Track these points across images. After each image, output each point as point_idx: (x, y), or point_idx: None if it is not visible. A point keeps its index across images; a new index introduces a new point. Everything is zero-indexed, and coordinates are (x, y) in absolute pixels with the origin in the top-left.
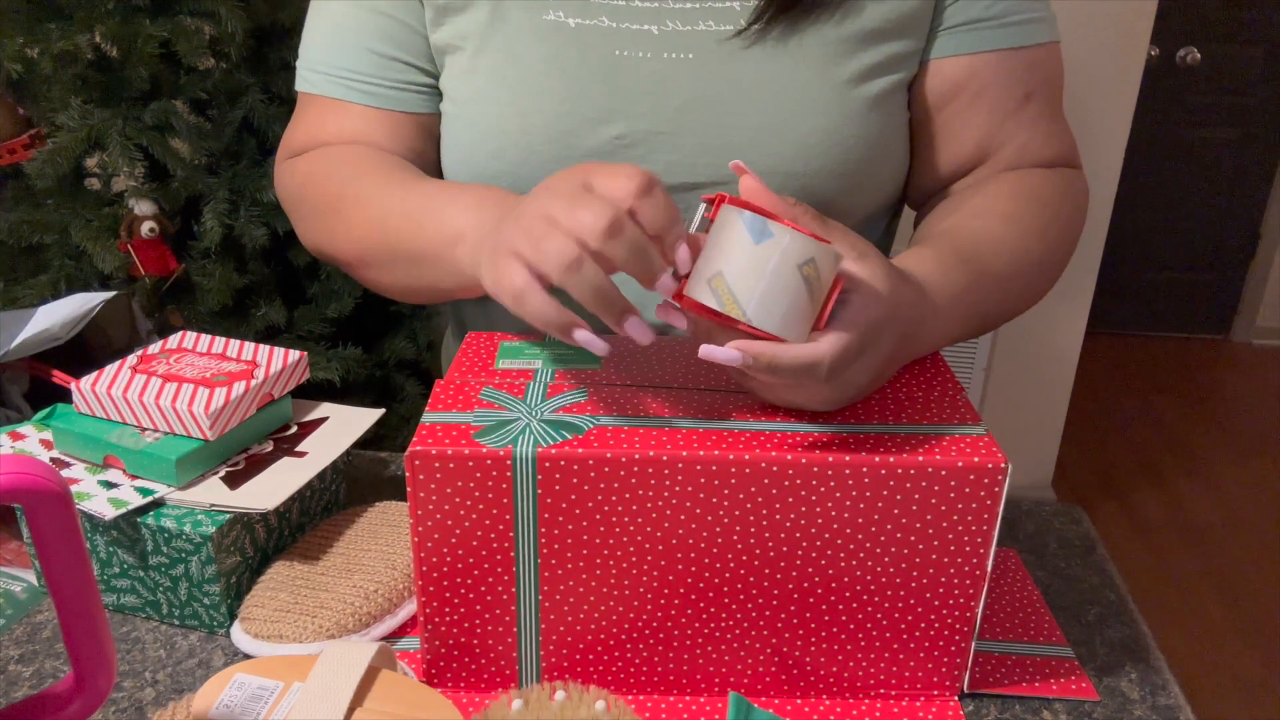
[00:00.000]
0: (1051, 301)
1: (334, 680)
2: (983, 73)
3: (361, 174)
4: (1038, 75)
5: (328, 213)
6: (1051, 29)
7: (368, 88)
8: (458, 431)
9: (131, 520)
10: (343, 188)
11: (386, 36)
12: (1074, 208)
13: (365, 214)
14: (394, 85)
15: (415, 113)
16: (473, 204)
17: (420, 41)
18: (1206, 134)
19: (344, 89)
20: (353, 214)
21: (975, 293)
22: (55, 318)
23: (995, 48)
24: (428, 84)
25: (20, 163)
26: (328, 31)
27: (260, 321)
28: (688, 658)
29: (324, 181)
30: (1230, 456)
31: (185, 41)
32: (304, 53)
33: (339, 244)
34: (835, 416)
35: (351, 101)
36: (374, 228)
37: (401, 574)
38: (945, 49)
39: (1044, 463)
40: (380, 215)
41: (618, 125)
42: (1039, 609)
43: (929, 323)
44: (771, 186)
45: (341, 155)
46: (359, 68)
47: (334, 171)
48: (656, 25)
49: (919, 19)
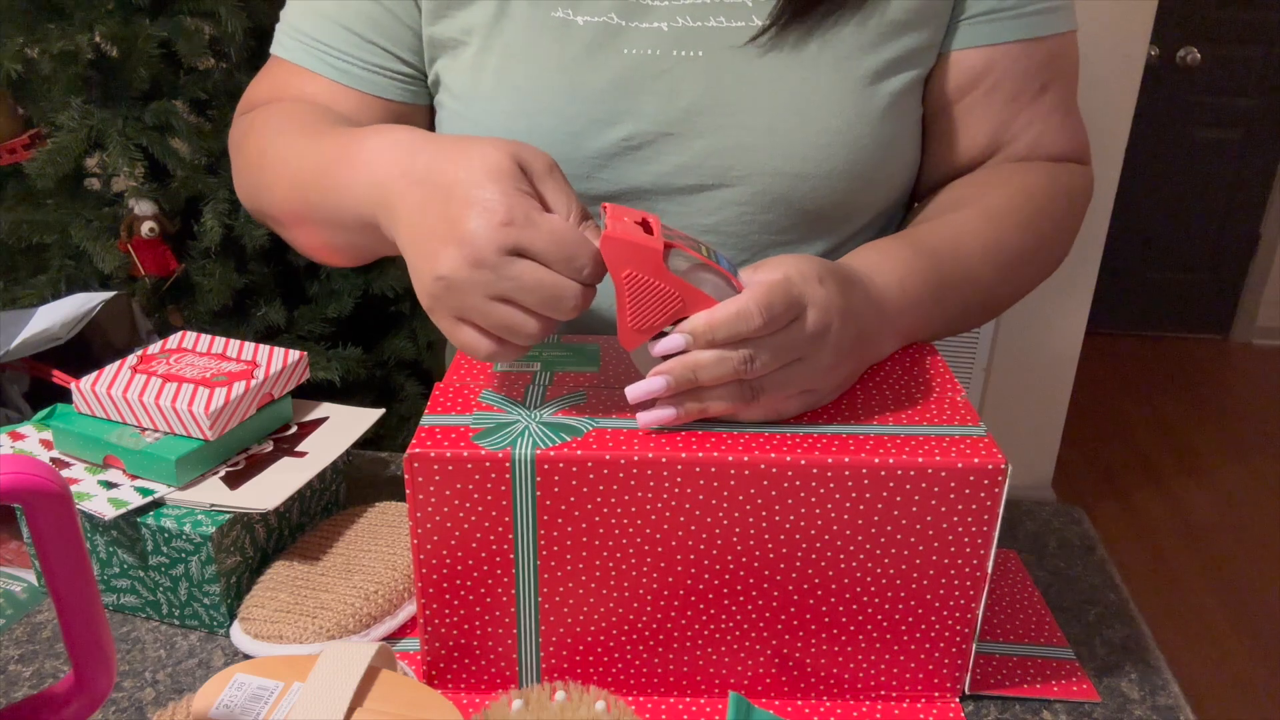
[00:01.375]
0: (1051, 301)
1: (334, 680)
2: (1001, 64)
3: (285, 129)
4: (1055, 66)
5: (254, 169)
6: (1069, 17)
7: (341, 64)
8: (457, 434)
9: (131, 520)
10: (268, 143)
11: (367, 18)
12: (1069, 203)
13: (284, 172)
14: (368, 67)
15: (386, 98)
16: (380, 161)
17: (404, 32)
18: (1206, 134)
19: (317, 60)
20: (274, 171)
21: (940, 284)
22: (55, 318)
23: (1015, 38)
24: (403, 73)
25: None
26: (310, 2)
27: (260, 321)
28: (688, 658)
29: (255, 136)
30: (1230, 456)
31: (185, 41)
32: (284, 16)
33: (264, 202)
34: (835, 417)
35: (320, 74)
36: (292, 187)
37: (401, 575)
38: (964, 40)
39: (1044, 463)
40: (296, 173)
41: (626, 127)
42: (1039, 610)
43: (888, 315)
44: (780, 187)
45: (276, 110)
46: (333, 42)
47: (265, 126)
48: (666, 22)
49: (939, 9)
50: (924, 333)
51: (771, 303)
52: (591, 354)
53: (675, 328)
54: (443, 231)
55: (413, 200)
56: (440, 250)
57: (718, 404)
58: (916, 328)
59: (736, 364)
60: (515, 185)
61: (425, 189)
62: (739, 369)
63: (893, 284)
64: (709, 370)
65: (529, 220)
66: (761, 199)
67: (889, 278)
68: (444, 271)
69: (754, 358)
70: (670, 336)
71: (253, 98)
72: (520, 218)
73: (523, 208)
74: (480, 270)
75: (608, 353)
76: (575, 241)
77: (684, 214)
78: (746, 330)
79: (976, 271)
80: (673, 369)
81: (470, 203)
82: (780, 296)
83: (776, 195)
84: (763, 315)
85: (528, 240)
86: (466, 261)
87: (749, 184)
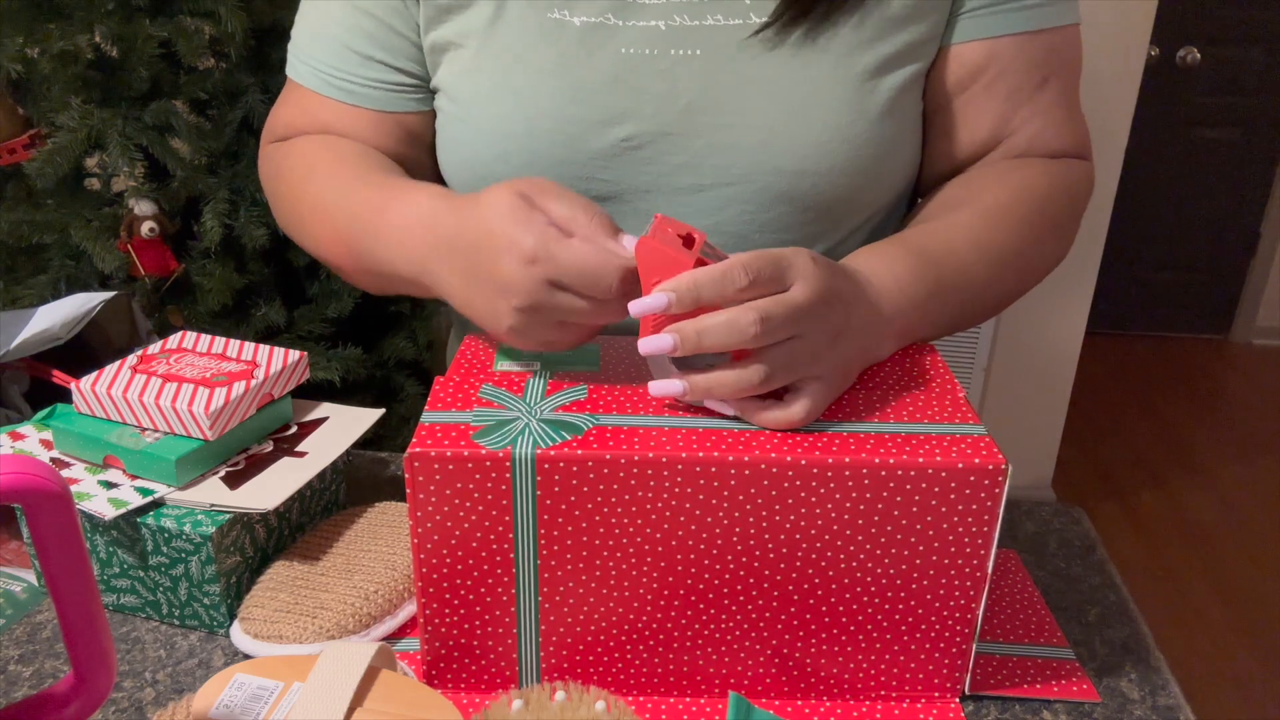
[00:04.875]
0: (1051, 301)
1: (334, 680)
2: (1002, 56)
3: (314, 173)
4: (1056, 59)
5: (292, 213)
6: (1072, 10)
7: (345, 84)
8: (457, 432)
9: (131, 520)
10: (300, 189)
11: (366, 35)
12: (1068, 200)
13: (327, 224)
14: (371, 84)
15: (394, 112)
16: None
17: (402, 42)
18: (1206, 134)
19: (323, 83)
20: (311, 219)
21: (936, 284)
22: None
23: (1015, 31)
24: (408, 84)
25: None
26: (313, 23)
27: (260, 321)
28: (688, 658)
29: (288, 176)
30: (1230, 456)
31: (185, 41)
32: (293, 39)
33: (309, 245)
34: (835, 414)
35: (329, 97)
36: (335, 241)
37: (401, 575)
38: (965, 33)
39: (1044, 463)
40: (334, 228)
41: (625, 128)
42: (1039, 610)
43: (885, 315)
44: (781, 185)
45: (303, 150)
46: (337, 64)
47: (296, 166)
48: (664, 20)
49: (939, 3)
50: (922, 333)
51: (758, 266)
52: (591, 354)
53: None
54: (489, 289)
55: (453, 268)
56: (495, 304)
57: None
58: (914, 328)
59: (742, 323)
60: (531, 219)
61: (458, 256)
62: (745, 328)
63: (889, 285)
64: (715, 333)
65: (550, 254)
66: (762, 197)
67: (885, 279)
68: (509, 323)
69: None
70: (652, 295)
71: (274, 127)
72: (543, 253)
73: (542, 240)
74: (535, 312)
75: (608, 352)
76: (597, 265)
77: (685, 213)
78: (731, 289)
79: (973, 271)
80: (683, 329)
81: (497, 253)
82: (767, 261)
83: (777, 193)
84: (747, 274)
85: (555, 274)
86: (519, 309)
87: (749, 182)
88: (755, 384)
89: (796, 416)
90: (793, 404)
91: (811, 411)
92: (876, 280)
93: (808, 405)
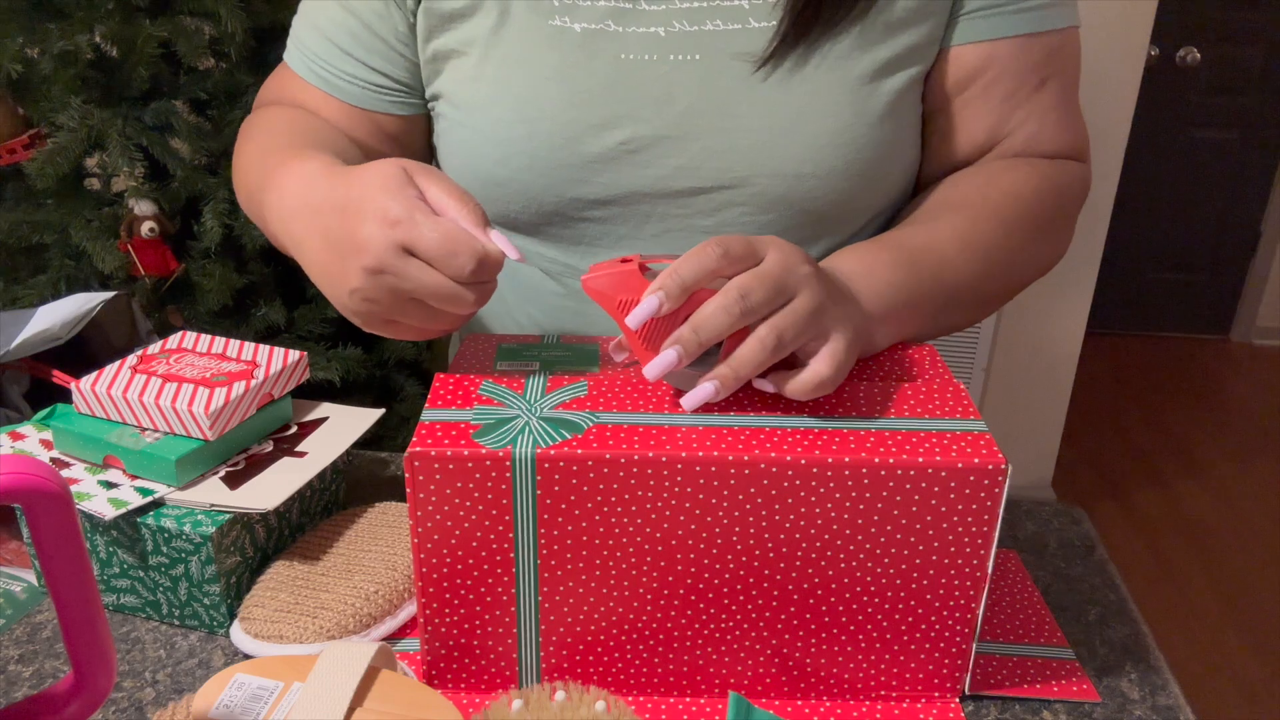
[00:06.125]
0: (1051, 301)
1: (334, 680)
2: (1000, 58)
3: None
4: (1054, 62)
5: (235, 169)
6: (1071, 13)
7: (324, 75)
8: (457, 431)
9: (131, 520)
10: (244, 146)
11: (348, 32)
12: (1059, 200)
13: (243, 176)
14: (348, 79)
15: (366, 109)
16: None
17: (381, 45)
18: (1206, 134)
19: (307, 70)
20: (239, 174)
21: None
22: (55, 318)
23: (1014, 33)
24: (383, 85)
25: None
26: (309, 12)
27: (260, 321)
28: (688, 658)
29: (243, 133)
30: (1230, 456)
31: (185, 41)
32: (293, 24)
33: (241, 202)
34: (835, 412)
35: (310, 83)
36: (244, 192)
37: (401, 575)
38: (964, 35)
39: (1044, 463)
40: (246, 179)
41: (623, 131)
42: (1039, 610)
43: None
44: (779, 189)
45: (266, 115)
46: (320, 54)
47: (252, 126)
48: (663, 27)
49: (939, 5)
50: (911, 332)
51: (728, 242)
52: (591, 354)
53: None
54: (344, 248)
55: (314, 228)
56: (345, 264)
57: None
58: (903, 326)
59: (727, 300)
60: (403, 190)
61: (322, 217)
62: (731, 303)
63: (873, 284)
64: (709, 323)
65: (413, 219)
66: (760, 200)
67: (867, 279)
68: (354, 284)
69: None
70: (642, 302)
71: (261, 96)
72: (406, 217)
73: (408, 207)
74: (382, 275)
75: (608, 352)
76: (457, 239)
77: (683, 216)
78: (709, 262)
79: (957, 271)
80: (680, 335)
81: (362, 216)
82: (736, 238)
83: (776, 196)
84: (719, 246)
85: (414, 237)
86: (368, 270)
87: (748, 186)
88: (771, 348)
89: (825, 373)
90: (817, 364)
91: (839, 365)
92: (859, 281)
93: (831, 361)
